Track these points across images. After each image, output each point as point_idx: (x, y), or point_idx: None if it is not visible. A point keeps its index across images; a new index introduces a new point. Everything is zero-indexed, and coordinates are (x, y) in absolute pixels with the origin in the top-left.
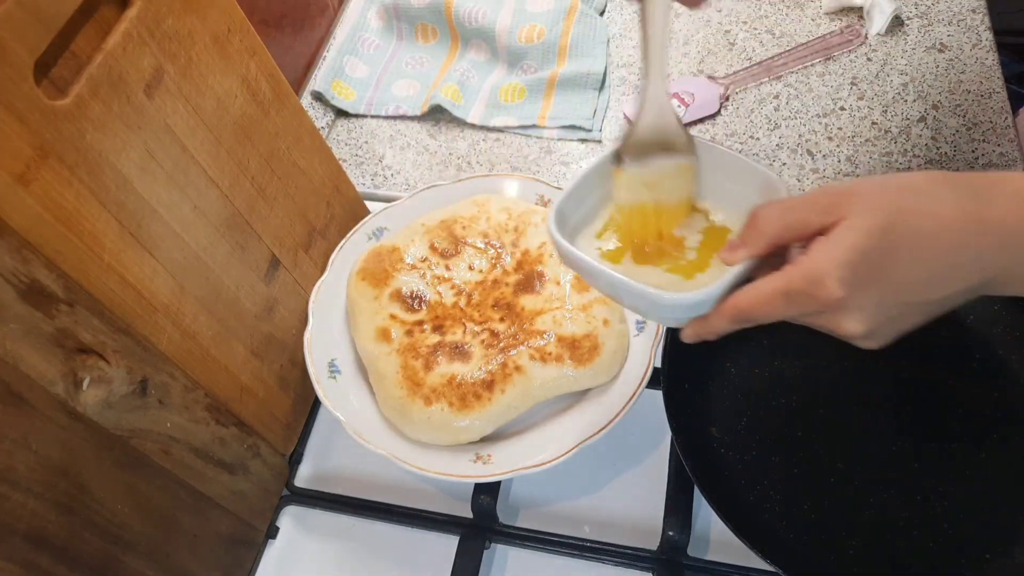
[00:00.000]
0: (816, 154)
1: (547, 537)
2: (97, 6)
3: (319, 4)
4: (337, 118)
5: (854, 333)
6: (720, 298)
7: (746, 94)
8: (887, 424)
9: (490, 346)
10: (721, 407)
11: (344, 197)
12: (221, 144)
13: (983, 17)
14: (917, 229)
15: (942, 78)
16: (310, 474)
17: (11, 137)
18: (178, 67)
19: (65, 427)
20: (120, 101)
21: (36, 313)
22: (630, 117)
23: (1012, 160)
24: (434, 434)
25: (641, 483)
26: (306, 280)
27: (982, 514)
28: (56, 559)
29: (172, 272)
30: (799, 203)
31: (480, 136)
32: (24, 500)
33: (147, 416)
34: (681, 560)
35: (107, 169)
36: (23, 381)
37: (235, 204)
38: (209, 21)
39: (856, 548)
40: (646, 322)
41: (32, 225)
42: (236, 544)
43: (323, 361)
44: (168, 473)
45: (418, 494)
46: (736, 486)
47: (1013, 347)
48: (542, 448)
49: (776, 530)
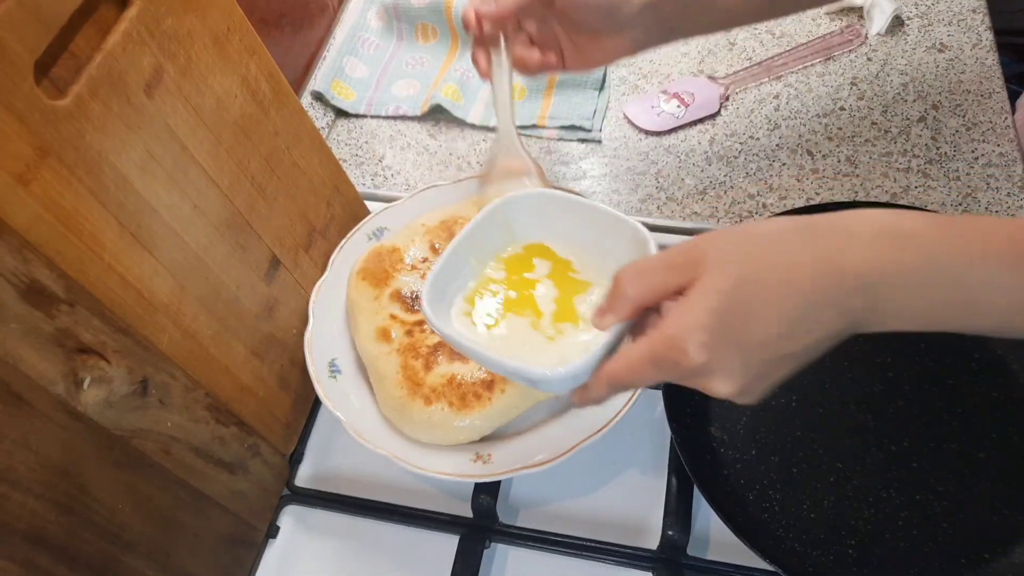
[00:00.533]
0: (816, 154)
1: (547, 537)
2: (97, 6)
3: (319, 4)
4: (337, 118)
5: (726, 394)
6: (595, 366)
7: (746, 94)
8: (886, 424)
9: None
10: (721, 407)
11: (344, 197)
12: (221, 144)
13: (983, 17)
14: (771, 283)
15: (942, 78)
16: (310, 474)
17: (11, 137)
18: (178, 67)
19: (65, 427)
20: (120, 101)
21: (36, 313)
22: (488, 156)
23: (1012, 160)
24: (434, 434)
25: (641, 483)
26: (306, 280)
27: (981, 514)
28: (56, 559)
29: (172, 272)
30: (656, 264)
31: (480, 136)
32: (24, 500)
33: (147, 416)
34: (681, 560)
35: (107, 169)
36: (23, 381)
37: (235, 204)
38: (209, 21)
39: (856, 548)
40: None
41: (32, 225)
42: (236, 544)
43: (323, 361)
44: (168, 473)
45: (418, 494)
46: (736, 486)
47: (1012, 347)
48: (542, 448)
49: (776, 530)
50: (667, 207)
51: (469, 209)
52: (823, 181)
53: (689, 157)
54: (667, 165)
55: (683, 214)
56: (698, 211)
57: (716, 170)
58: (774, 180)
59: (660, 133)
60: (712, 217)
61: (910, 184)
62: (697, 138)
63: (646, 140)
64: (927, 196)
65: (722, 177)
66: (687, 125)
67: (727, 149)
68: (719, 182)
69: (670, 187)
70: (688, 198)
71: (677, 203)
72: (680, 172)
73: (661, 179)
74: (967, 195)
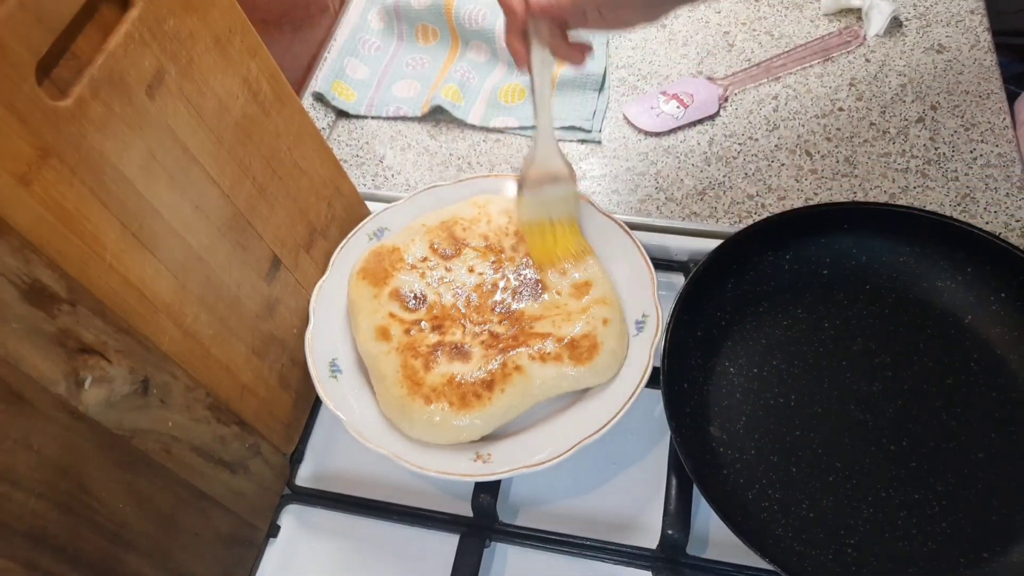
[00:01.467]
0: (815, 155)
1: (547, 536)
2: (98, 7)
3: (320, 5)
4: (338, 119)
5: None
6: None
7: (745, 95)
8: (885, 423)
9: (490, 347)
10: (721, 407)
11: (345, 197)
12: (222, 144)
13: (981, 18)
14: None
15: (940, 79)
16: (311, 473)
17: (12, 138)
18: (179, 68)
19: (67, 427)
20: (121, 102)
21: (38, 313)
22: (527, 157)
23: (1010, 160)
24: (434, 433)
25: (641, 482)
26: (307, 280)
27: (980, 514)
28: (57, 558)
29: (174, 272)
30: None
31: (480, 137)
32: (25, 500)
33: (148, 415)
34: (680, 559)
35: (108, 169)
36: (25, 381)
37: (236, 204)
38: (210, 22)
39: (855, 547)
40: (645, 323)
41: (33, 225)
42: (237, 543)
43: (324, 361)
44: (169, 472)
45: (418, 493)
46: (735, 486)
47: (1012, 347)
48: (542, 447)
49: (775, 529)
50: (666, 207)
51: (470, 210)
52: (822, 181)
53: (688, 158)
54: (666, 166)
55: (682, 214)
56: (697, 211)
57: (715, 171)
58: (773, 181)
59: (659, 134)
60: (711, 217)
61: (908, 184)
62: (696, 139)
63: (645, 141)
64: (925, 196)
65: (721, 178)
66: (686, 126)
67: (726, 150)
68: (718, 183)
69: (669, 188)
70: (687, 199)
71: (676, 203)
72: (679, 173)
73: (660, 180)
74: (965, 195)
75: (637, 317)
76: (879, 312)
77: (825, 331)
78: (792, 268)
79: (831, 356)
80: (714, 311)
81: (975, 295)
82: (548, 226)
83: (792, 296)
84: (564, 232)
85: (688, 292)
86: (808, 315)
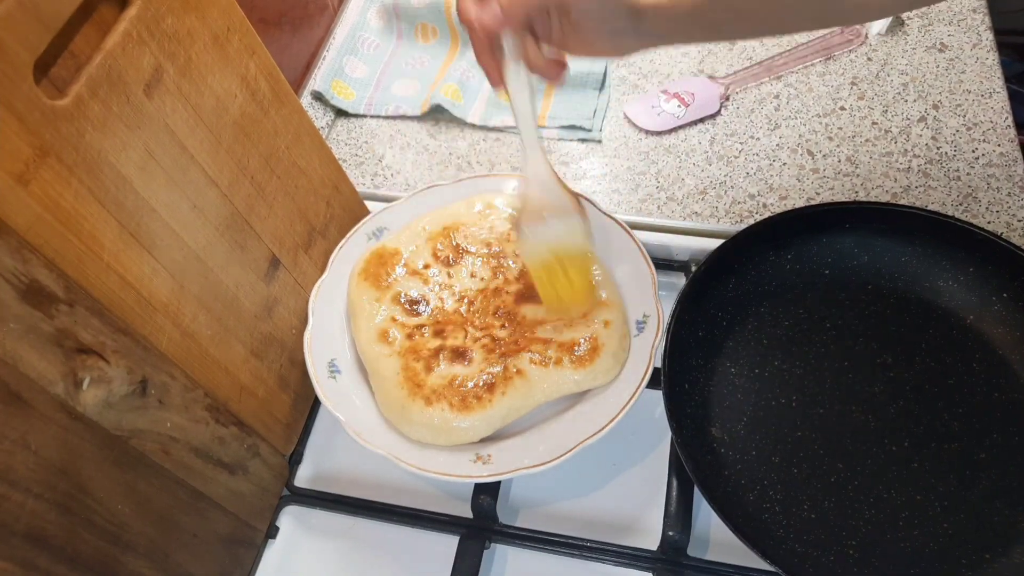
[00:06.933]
0: (816, 154)
1: (547, 537)
2: (96, 6)
3: (319, 3)
4: (337, 118)
5: None
6: None
7: (746, 94)
8: (887, 424)
9: (491, 351)
10: (721, 407)
11: (344, 197)
12: (220, 144)
13: (983, 17)
14: None
15: (942, 78)
16: (310, 474)
17: (10, 137)
18: (177, 67)
19: (65, 427)
20: (119, 101)
21: (36, 313)
22: (519, 191)
23: (1012, 159)
24: (434, 435)
25: (641, 483)
26: (306, 280)
27: (981, 514)
28: (55, 559)
29: (172, 272)
30: None
31: (480, 136)
32: (24, 500)
33: (147, 416)
34: (681, 560)
35: (106, 169)
36: (23, 381)
37: (235, 204)
38: (209, 20)
39: (856, 548)
40: (646, 323)
41: (31, 225)
42: (236, 544)
43: (323, 361)
44: (168, 473)
45: (418, 494)
46: (736, 486)
47: (1013, 347)
48: (542, 448)
49: (776, 530)
50: (667, 207)
51: (471, 211)
52: (823, 181)
53: (689, 157)
54: (667, 165)
55: (683, 214)
56: (698, 211)
57: (716, 170)
58: (774, 180)
59: (660, 133)
60: (712, 217)
61: (910, 184)
62: (697, 138)
63: (646, 140)
64: (927, 196)
65: (722, 177)
66: (687, 125)
67: (727, 149)
68: (719, 182)
69: (670, 187)
70: (688, 198)
71: (677, 203)
72: (680, 172)
73: (661, 179)
74: (967, 195)
75: (638, 317)
76: (881, 312)
77: (827, 331)
78: (794, 268)
79: (833, 356)
80: (715, 311)
81: (977, 295)
82: (557, 267)
83: (794, 296)
84: (577, 273)
85: (689, 292)
86: (810, 315)
